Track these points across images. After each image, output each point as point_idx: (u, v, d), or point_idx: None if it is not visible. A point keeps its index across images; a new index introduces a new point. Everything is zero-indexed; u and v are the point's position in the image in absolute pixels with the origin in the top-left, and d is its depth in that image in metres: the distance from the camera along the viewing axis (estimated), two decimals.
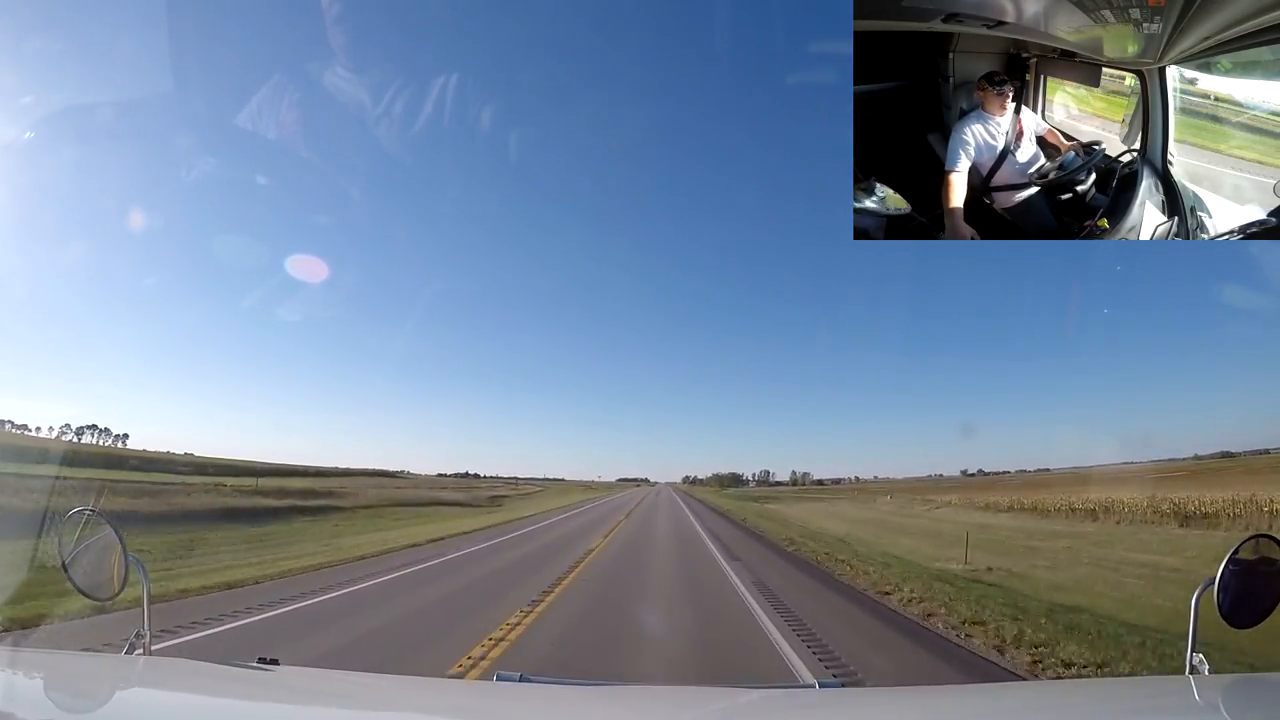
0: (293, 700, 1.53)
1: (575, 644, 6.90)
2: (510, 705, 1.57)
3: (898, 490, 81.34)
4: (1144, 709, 1.49)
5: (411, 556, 14.85)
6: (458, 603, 9.13)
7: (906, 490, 79.46)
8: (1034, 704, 1.66)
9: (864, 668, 5.91)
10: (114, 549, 1.66)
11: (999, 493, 50.20)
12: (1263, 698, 1.50)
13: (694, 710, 1.62)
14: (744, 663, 6.11)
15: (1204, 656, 1.52)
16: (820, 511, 46.54)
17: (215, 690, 1.57)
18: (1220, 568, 1.50)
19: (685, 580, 11.81)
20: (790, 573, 12.89)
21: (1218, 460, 66.42)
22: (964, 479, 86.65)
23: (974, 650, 6.69)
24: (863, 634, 7.56)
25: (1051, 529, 28.64)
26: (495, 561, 14.28)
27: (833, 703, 1.62)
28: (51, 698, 1.35)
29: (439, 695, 1.85)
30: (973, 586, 11.39)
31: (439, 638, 6.95)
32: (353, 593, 9.74)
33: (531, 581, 10.75)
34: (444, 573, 12.43)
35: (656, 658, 6.26)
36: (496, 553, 16.23)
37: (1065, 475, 64.27)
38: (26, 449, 35.52)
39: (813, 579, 12.11)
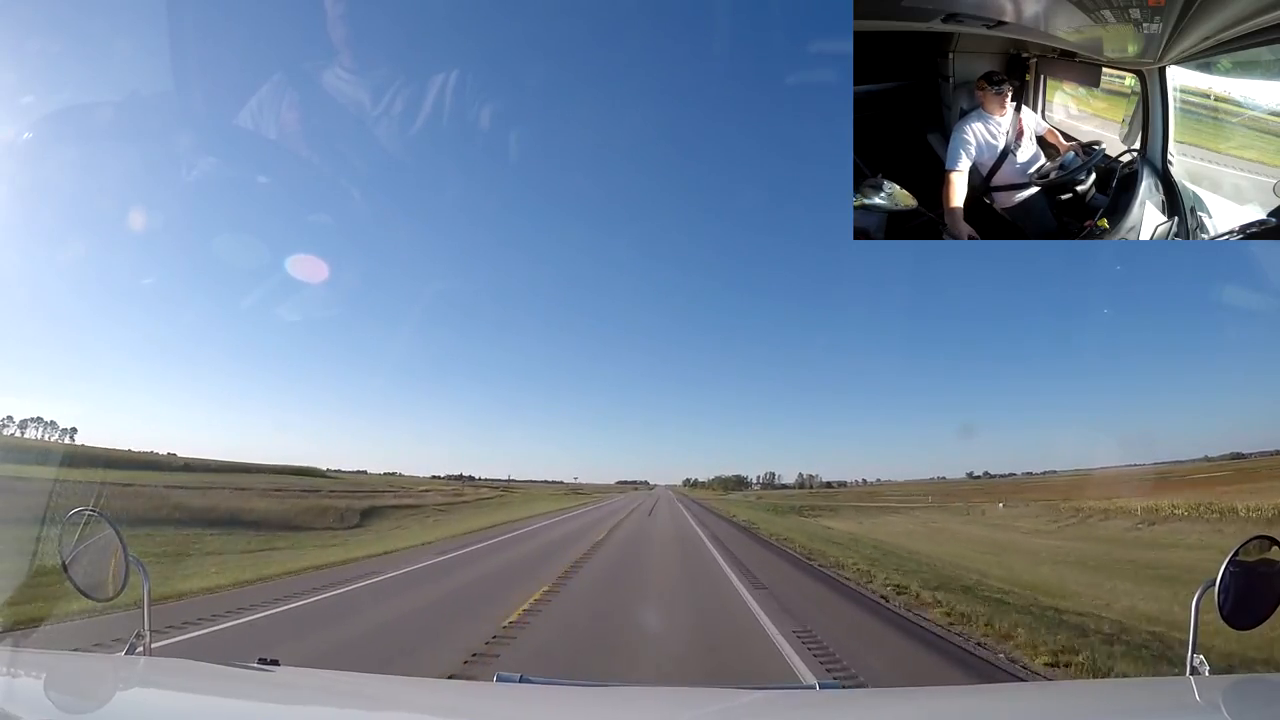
0: (293, 700, 1.53)
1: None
2: (510, 705, 1.57)
3: (910, 493, 71.04)
4: (1144, 709, 1.49)
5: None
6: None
7: (934, 493, 68.28)
8: (1034, 704, 1.66)
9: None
10: (114, 549, 1.66)
11: (1059, 496, 40.80)
12: (1263, 698, 1.50)
13: (694, 710, 1.61)
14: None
15: (1204, 657, 1.52)
16: (931, 532, 33.24)
17: (215, 690, 1.57)
18: (1220, 569, 1.50)
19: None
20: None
21: (1230, 460, 62.21)
22: (970, 481, 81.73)
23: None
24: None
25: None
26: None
27: (833, 703, 1.62)
28: (51, 698, 1.36)
29: (439, 695, 1.85)
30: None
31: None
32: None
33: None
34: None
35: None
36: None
37: (1075, 476, 58.48)
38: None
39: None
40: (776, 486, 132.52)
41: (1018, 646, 6.58)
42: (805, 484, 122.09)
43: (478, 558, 15.09)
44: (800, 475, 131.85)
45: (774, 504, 65.34)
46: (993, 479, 78.81)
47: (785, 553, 17.17)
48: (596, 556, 15.31)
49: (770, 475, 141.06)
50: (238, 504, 33.32)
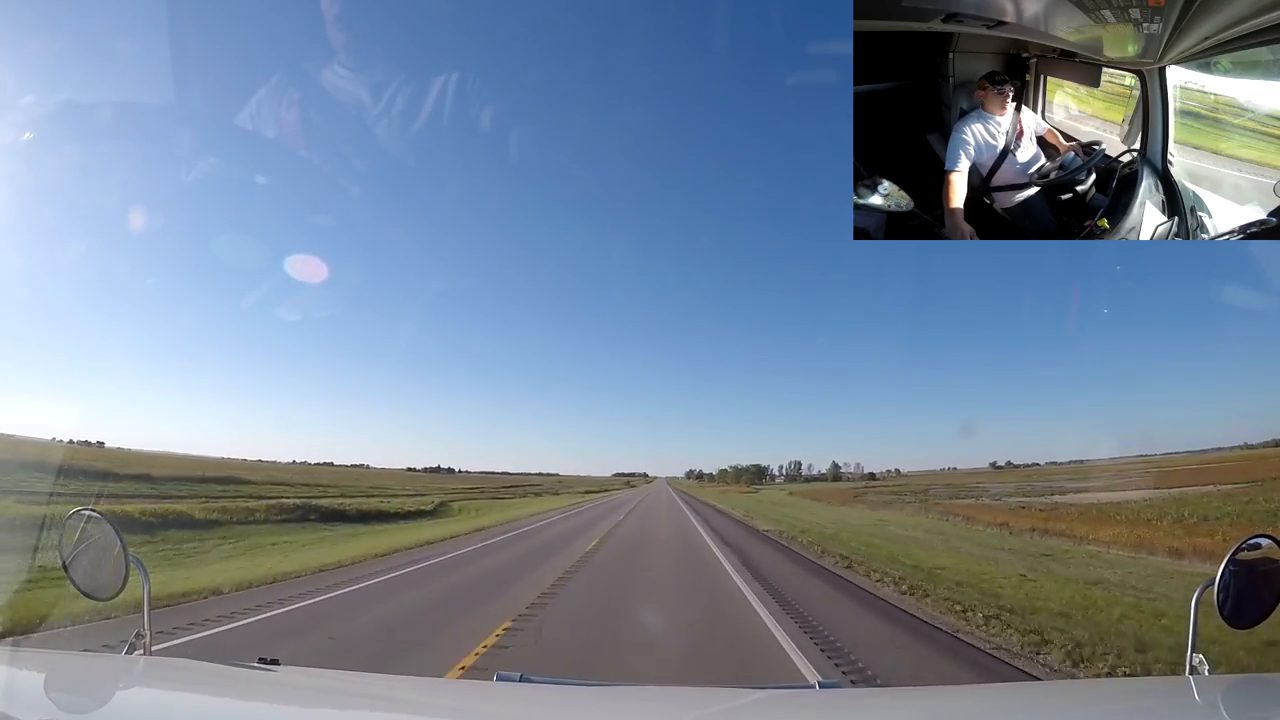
0: (293, 700, 1.53)
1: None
2: (510, 705, 1.57)
3: (935, 483, 54.45)
4: (1144, 709, 1.49)
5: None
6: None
7: (962, 482, 52.72)
8: (1034, 704, 1.66)
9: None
10: (114, 549, 1.66)
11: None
12: (1263, 698, 1.50)
13: (695, 710, 1.61)
14: None
15: (1204, 657, 1.52)
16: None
17: (215, 690, 1.57)
18: (1220, 568, 1.50)
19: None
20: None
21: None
22: (993, 471, 70.83)
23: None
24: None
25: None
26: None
27: (834, 703, 1.61)
28: (51, 698, 1.35)
29: (439, 695, 1.85)
30: None
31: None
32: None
33: None
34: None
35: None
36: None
37: (1107, 465, 48.20)
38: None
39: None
40: (806, 478, 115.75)
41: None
42: (837, 476, 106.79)
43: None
44: (834, 464, 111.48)
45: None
46: (1017, 469, 69.63)
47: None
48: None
49: (795, 465, 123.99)
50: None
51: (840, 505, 45.82)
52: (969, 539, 22.38)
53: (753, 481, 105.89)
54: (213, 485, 41.38)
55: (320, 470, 72.47)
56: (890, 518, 33.67)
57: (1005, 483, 48.38)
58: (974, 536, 23.85)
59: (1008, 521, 28.31)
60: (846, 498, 53.67)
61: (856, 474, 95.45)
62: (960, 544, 19.75)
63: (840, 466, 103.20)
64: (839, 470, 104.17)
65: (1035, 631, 6.96)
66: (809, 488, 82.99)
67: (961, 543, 20.35)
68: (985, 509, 35.30)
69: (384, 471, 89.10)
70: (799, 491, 75.48)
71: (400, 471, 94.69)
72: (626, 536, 20.24)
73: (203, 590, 9.32)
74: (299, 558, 14.95)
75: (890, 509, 40.67)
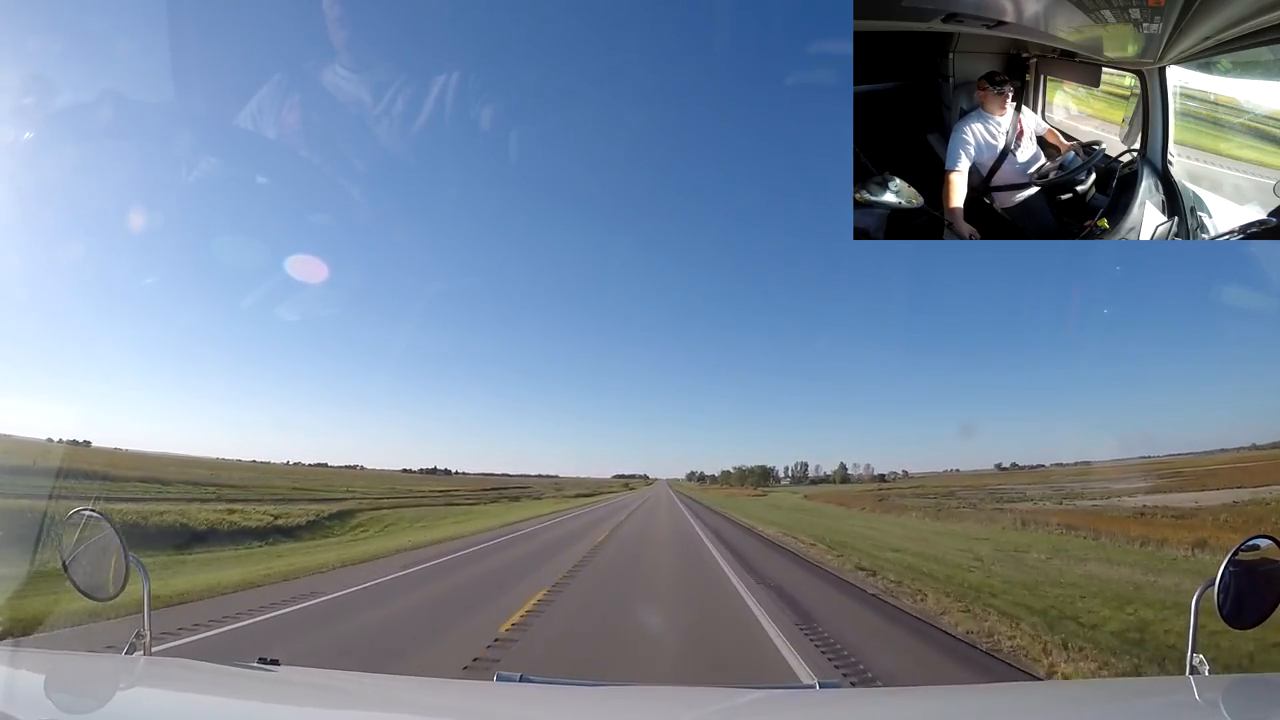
0: (293, 700, 1.52)
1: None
2: (510, 705, 1.57)
3: (951, 485, 46.83)
4: (1144, 709, 1.49)
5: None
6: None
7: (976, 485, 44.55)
8: (1034, 704, 1.66)
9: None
10: (114, 549, 1.66)
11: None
12: (1263, 698, 1.50)
13: (694, 710, 1.61)
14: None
15: (1204, 657, 1.52)
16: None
17: (215, 690, 1.57)
18: (1220, 568, 1.50)
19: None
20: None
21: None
22: (999, 472, 67.08)
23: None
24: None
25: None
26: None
27: (834, 703, 1.61)
28: (51, 698, 1.35)
29: (439, 695, 1.85)
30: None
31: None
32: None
33: None
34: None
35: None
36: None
37: (1109, 467, 43.15)
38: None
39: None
40: (813, 480, 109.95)
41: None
42: (845, 477, 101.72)
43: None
44: (842, 466, 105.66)
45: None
46: (1022, 470, 65.85)
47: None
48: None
49: (802, 466, 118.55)
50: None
51: (875, 513, 37.40)
52: (1174, 567, 14.66)
53: (759, 483, 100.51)
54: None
55: (314, 471, 71.55)
56: (969, 530, 24.96)
57: (1027, 484, 43.13)
58: (1170, 562, 15.73)
59: (1147, 534, 20.08)
60: (869, 502, 45.58)
61: (866, 475, 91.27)
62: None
63: (848, 468, 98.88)
64: (846, 472, 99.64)
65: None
66: (820, 490, 78.50)
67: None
68: (1087, 515, 26.20)
69: (379, 473, 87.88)
70: (813, 495, 66.99)
71: (395, 473, 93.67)
72: (589, 602, 9.00)
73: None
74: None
75: (943, 518, 31.50)
